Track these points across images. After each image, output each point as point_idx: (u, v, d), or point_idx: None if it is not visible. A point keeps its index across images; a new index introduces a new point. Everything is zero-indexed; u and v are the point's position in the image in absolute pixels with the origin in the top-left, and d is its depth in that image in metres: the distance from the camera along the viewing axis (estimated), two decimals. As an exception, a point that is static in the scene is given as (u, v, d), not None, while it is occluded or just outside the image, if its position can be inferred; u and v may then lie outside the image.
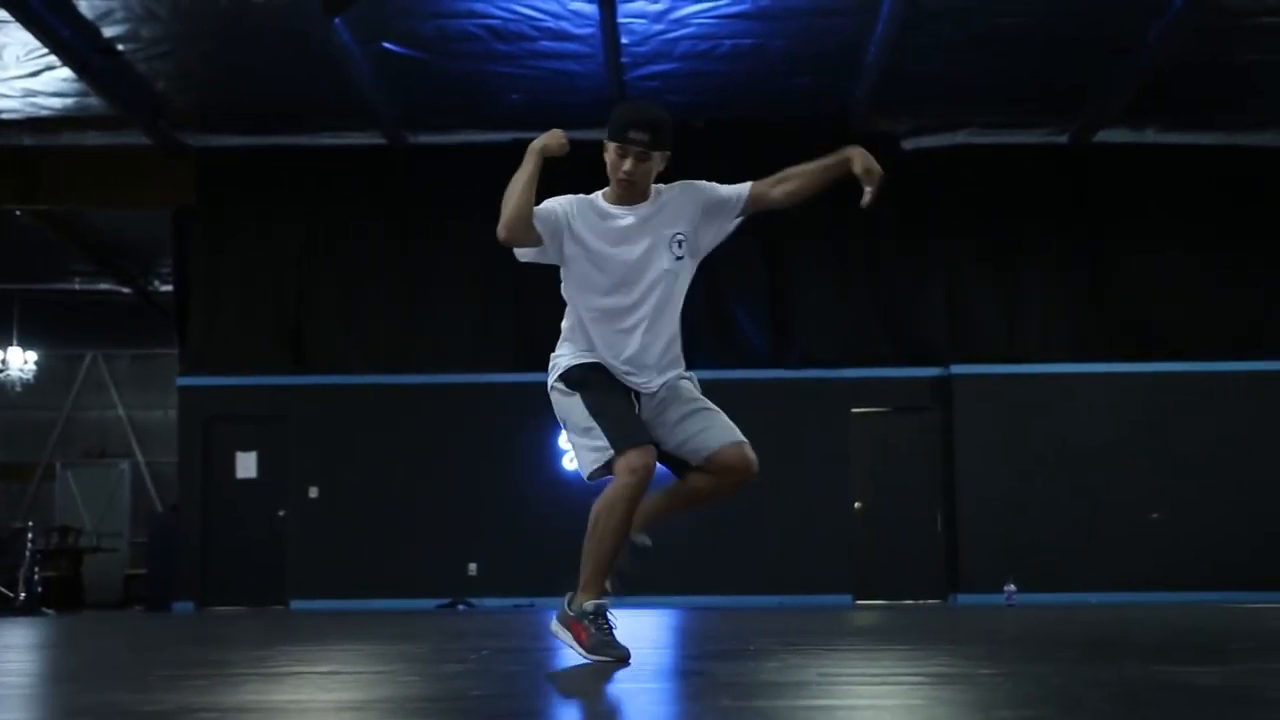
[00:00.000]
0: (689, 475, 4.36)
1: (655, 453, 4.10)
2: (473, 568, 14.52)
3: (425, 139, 15.04)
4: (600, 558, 4.05)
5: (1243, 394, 14.45)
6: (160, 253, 17.23)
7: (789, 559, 14.44)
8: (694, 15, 12.30)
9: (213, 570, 14.83)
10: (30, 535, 14.43)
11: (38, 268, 18.69)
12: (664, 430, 4.26)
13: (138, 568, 18.09)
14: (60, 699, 3.51)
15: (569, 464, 14.00)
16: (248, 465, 15.11)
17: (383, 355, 15.05)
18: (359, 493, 14.75)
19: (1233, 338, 14.80)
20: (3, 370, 19.58)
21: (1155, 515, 14.15)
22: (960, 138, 14.83)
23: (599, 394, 4.18)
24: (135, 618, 12.56)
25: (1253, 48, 12.75)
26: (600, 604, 3.99)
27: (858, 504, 14.66)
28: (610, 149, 4.33)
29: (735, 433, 4.26)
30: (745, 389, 14.69)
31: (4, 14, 11.79)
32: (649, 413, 4.28)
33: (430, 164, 15.15)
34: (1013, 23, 12.40)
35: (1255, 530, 14.20)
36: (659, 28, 12.56)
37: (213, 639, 6.64)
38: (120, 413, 21.52)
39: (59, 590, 16.85)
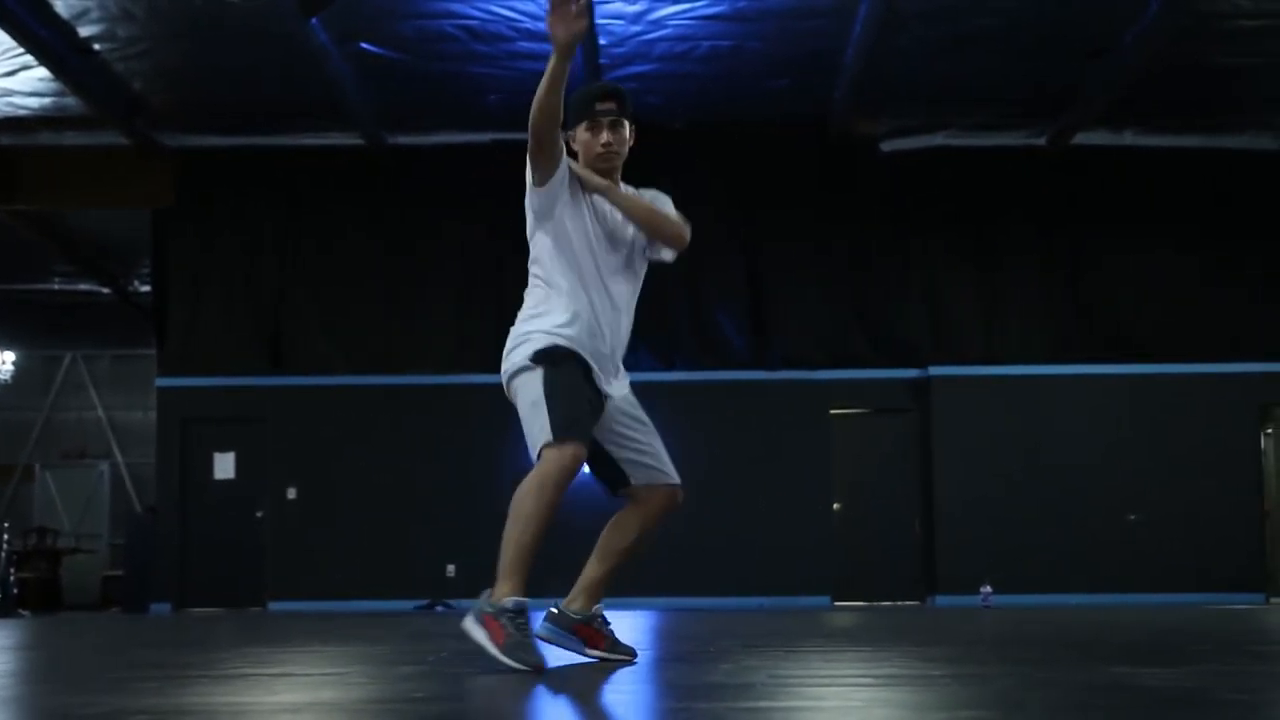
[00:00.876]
0: (619, 517, 4.38)
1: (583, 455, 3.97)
2: (451, 569, 14.48)
3: (404, 139, 15.01)
4: (523, 545, 3.75)
5: (1221, 396, 14.48)
6: (140, 253, 17.18)
7: (768, 560, 14.43)
8: (671, 17, 12.29)
9: (191, 571, 14.78)
10: (7, 536, 14.37)
11: (16, 268, 18.61)
12: (612, 434, 4.18)
13: (116, 569, 18.02)
14: None
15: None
16: (226, 466, 15.07)
17: (361, 356, 15.02)
18: (337, 494, 14.72)
19: (1211, 340, 14.82)
20: (-18, 371, 19.51)
21: (1133, 517, 14.18)
22: (939, 140, 14.85)
23: (568, 378, 3.98)
24: (109, 619, 12.51)
25: (1229, 51, 12.78)
26: (521, 601, 3.71)
27: (837, 505, 14.66)
28: (580, 131, 4.23)
29: (674, 474, 4.32)
30: (725, 390, 14.73)
31: (-21, 13, 11.75)
32: (607, 411, 4.19)
33: (409, 164, 15.13)
34: (990, 25, 12.41)
35: (1232, 532, 14.23)
36: (637, 29, 12.55)
37: (177, 641, 6.61)
38: (100, 413, 21.44)
39: (37, 591, 16.80)
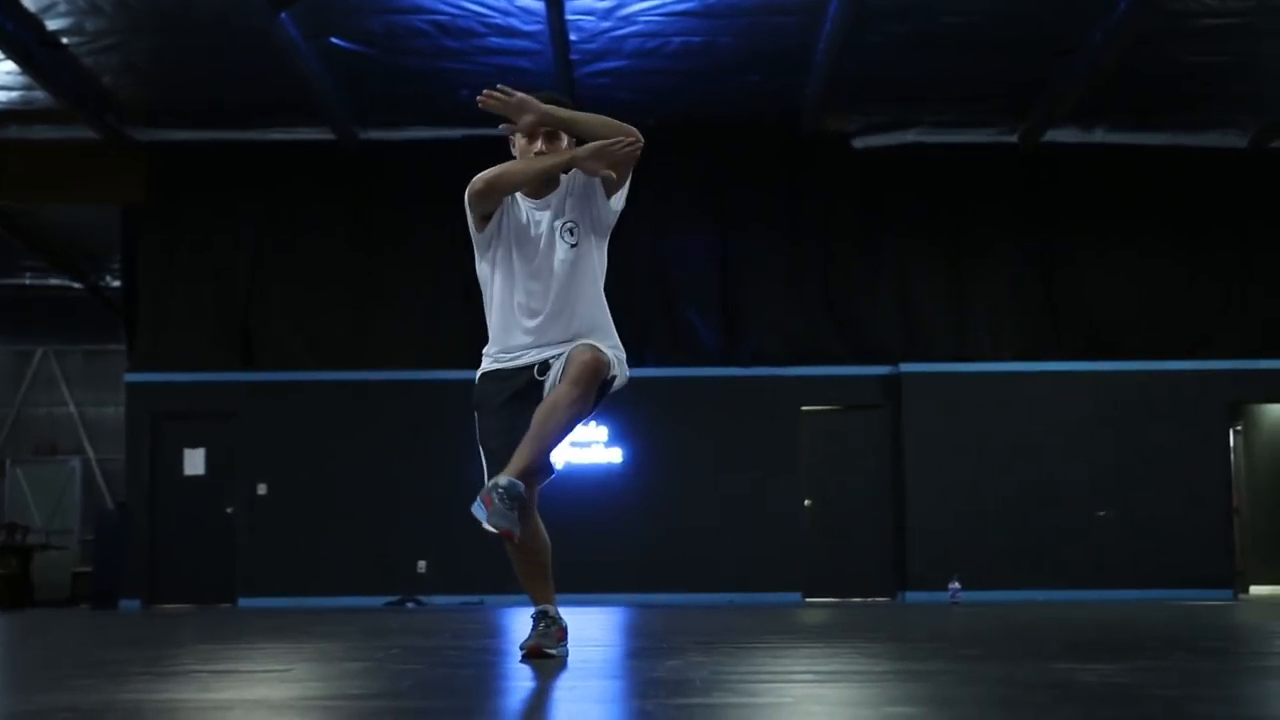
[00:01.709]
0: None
1: (530, 485, 4.22)
2: (422, 565, 14.47)
3: (376, 135, 14.98)
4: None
5: (1191, 394, 14.54)
6: (112, 248, 17.08)
7: (739, 557, 14.45)
8: (641, 13, 12.28)
9: (160, 568, 14.72)
10: (-25, 532, 14.31)
11: (-13, 263, 18.52)
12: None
13: (87, 565, 17.95)
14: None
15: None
16: (196, 462, 15.02)
17: (332, 352, 14.98)
18: (307, 490, 14.68)
19: (1181, 337, 14.90)
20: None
21: (1102, 513, 14.24)
22: (911, 136, 14.88)
23: (485, 417, 4.34)
24: (71, 616, 12.45)
25: (1196, 50, 12.84)
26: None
27: (807, 502, 14.69)
28: (518, 138, 4.37)
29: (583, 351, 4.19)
30: (696, 386, 14.74)
31: (-56, 6, 11.68)
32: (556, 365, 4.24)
33: (381, 160, 15.09)
34: (961, 22, 12.45)
35: (1201, 528, 14.30)
36: (607, 25, 12.54)
37: (132, 637, 6.59)
38: (71, 409, 21.34)
39: (7, 588, 16.70)
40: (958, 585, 13.06)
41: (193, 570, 14.71)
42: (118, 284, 18.07)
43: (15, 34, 12.36)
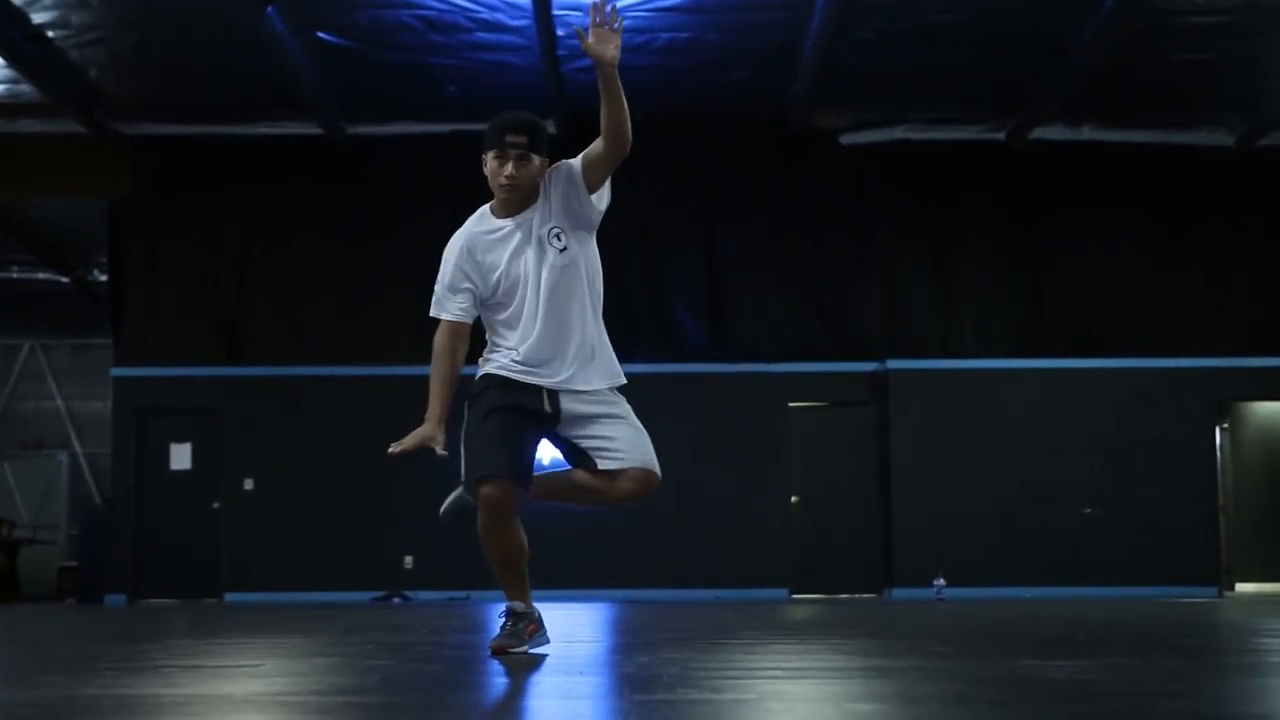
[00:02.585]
0: (581, 473, 4.40)
1: (510, 485, 4.23)
2: (409, 560, 14.45)
3: (363, 129, 14.92)
4: (498, 574, 4.45)
5: (1178, 391, 14.54)
6: (99, 243, 17.02)
7: (726, 553, 14.44)
8: (628, 8, 12.23)
9: (146, 563, 14.69)
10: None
11: (-27, 257, 18.45)
12: (576, 427, 4.36)
13: (74, 560, 17.89)
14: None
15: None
16: (183, 457, 14.99)
17: (319, 347, 14.95)
18: (294, 485, 14.65)
19: (1169, 335, 14.90)
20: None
21: (1089, 510, 14.25)
22: (898, 133, 14.84)
23: (479, 416, 4.35)
24: (54, 611, 12.43)
25: (1185, 48, 12.83)
26: (512, 606, 4.38)
27: (794, 498, 14.69)
28: (489, 159, 4.37)
29: (646, 455, 4.37)
30: (682, 382, 14.72)
31: (-72, -1, 11.63)
32: (569, 406, 4.30)
33: (368, 154, 15.05)
34: (949, 19, 12.42)
35: (1188, 526, 14.31)
36: (594, 20, 12.49)
37: (110, 633, 6.58)
38: (58, 403, 21.27)
39: (-7, 582, 16.66)
40: (942, 582, 13.07)
41: (179, 565, 14.68)
42: (105, 278, 18.01)
43: (0, 28, 12.31)
